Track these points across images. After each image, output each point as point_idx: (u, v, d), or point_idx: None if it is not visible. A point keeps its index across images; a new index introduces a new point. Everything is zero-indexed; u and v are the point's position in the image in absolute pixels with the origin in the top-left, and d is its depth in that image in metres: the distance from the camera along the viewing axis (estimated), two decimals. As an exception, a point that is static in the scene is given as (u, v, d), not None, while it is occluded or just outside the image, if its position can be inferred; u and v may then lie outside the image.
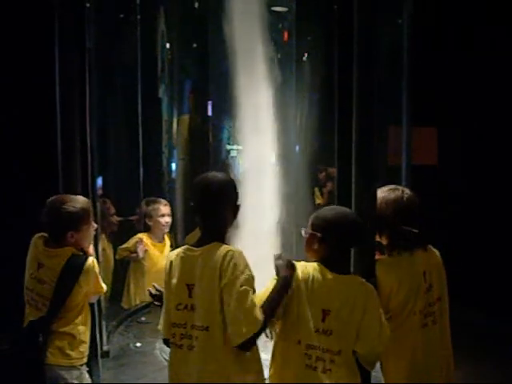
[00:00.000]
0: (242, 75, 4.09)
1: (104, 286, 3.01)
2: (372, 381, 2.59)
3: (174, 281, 2.32)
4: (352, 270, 2.57)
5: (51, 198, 2.92)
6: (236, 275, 2.21)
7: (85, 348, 2.89)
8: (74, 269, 2.81)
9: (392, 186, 2.74)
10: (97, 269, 2.91)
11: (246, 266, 2.25)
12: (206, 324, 2.23)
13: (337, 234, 2.40)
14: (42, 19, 3.38)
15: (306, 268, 2.40)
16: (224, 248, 2.26)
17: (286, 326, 2.38)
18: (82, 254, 2.87)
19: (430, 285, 2.60)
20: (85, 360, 2.90)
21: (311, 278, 2.36)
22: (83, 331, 2.88)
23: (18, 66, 4.44)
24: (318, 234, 2.42)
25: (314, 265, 2.41)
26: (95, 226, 3.05)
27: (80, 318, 2.86)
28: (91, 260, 2.88)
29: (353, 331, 2.32)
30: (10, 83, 4.46)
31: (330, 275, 2.37)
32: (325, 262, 2.41)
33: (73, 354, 2.82)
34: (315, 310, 2.34)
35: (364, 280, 2.44)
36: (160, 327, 2.40)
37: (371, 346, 2.33)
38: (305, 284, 2.36)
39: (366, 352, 2.34)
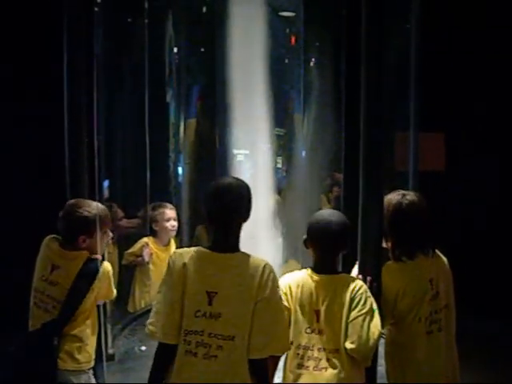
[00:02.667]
0: (249, 80, 4.10)
1: (114, 292, 3.03)
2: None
3: (191, 285, 2.22)
4: (357, 274, 2.58)
5: (69, 201, 2.93)
6: (275, 290, 2.24)
7: (92, 351, 2.89)
8: (90, 273, 2.82)
9: (397, 191, 2.73)
10: (111, 274, 2.94)
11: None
12: (233, 334, 2.17)
13: (313, 237, 2.49)
14: (50, 25, 3.39)
15: (297, 275, 2.50)
16: (259, 260, 2.26)
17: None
18: (95, 258, 2.89)
19: (437, 292, 2.59)
20: (92, 364, 2.90)
21: (301, 282, 2.45)
22: (91, 334, 2.89)
23: (25, 71, 4.46)
24: (304, 237, 2.52)
25: (304, 270, 2.50)
26: (111, 234, 3.06)
27: (88, 321, 2.87)
28: (107, 265, 2.91)
29: (343, 327, 2.36)
30: (18, 87, 4.48)
31: (316, 277, 2.44)
32: (313, 264, 2.50)
33: (81, 358, 2.82)
34: (308, 312, 2.41)
35: (353, 277, 2.52)
36: (153, 330, 2.27)
37: (358, 342, 2.33)
38: (296, 289, 2.44)
39: (353, 347, 2.33)
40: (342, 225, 2.48)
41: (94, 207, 2.90)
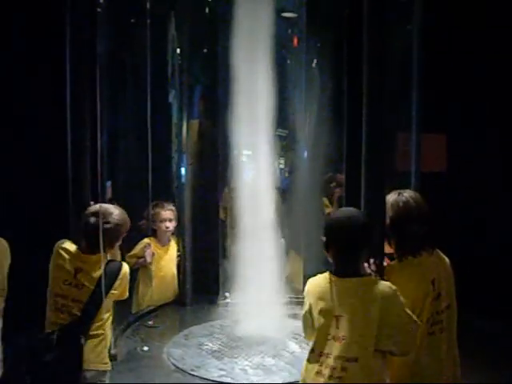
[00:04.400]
0: (252, 81, 4.10)
1: (127, 293, 3.12)
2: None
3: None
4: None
5: (95, 208, 2.97)
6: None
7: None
8: (113, 273, 2.93)
9: (394, 191, 2.73)
10: (128, 275, 3.06)
11: None
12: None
13: (335, 238, 2.43)
14: (53, 25, 3.40)
15: (318, 280, 2.46)
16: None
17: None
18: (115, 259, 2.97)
19: (439, 293, 2.59)
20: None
21: (322, 287, 2.40)
22: (109, 334, 2.95)
23: (28, 71, 4.47)
24: (323, 239, 2.45)
25: (325, 274, 2.44)
26: None
27: (109, 322, 2.93)
28: (126, 266, 3.03)
29: (372, 333, 2.30)
30: (20, 88, 4.49)
31: (338, 281, 2.38)
32: (334, 267, 2.43)
33: (106, 357, 2.93)
34: (328, 318, 2.36)
35: (378, 279, 2.46)
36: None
37: (405, 343, 2.34)
38: (318, 295, 2.41)
39: (401, 349, 2.36)
40: (364, 223, 2.43)
41: (122, 214, 3.01)
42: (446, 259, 2.70)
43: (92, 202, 3.16)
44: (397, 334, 2.33)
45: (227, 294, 4.75)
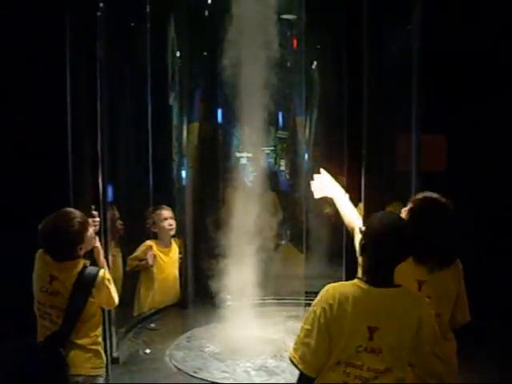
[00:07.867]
0: (252, 82, 4.11)
1: (116, 300, 3.02)
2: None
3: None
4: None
5: (50, 218, 2.91)
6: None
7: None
8: (87, 281, 2.85)
9: (439, 196, 2.69)
10: (109, 281, 2.94)
11: None
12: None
13: (379, 246, 2.26)
14: (53, 29, 3.41)
15: (345, 286, 2.30)
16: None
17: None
18: (93, 265, 2.92)
19: (428, 296, 2.57)
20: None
21: (351, 295, 2.23)
22: (100, 341, 2.96)
23: (29, 75, 4.48)
24: (362, 241, 2.32)
25: (354, 281, 2.30)
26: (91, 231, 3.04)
27: (99, 329, 2.92)
28: (103, 272, 2.93)
29: (409, 345, 2.21)
30: (22, 90, 4.50)
31: (371, 290, 2.24)
32: (367, 274, 2.29)
33: (99, 362, 2.92)
34: (359, 328, 2.21)
35: (414, 292, 2.40)
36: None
37: (428, 356, 2.28)
38: (347, 303, 2.22)
39: (423, 367, 2.32)
40: (409, 233, 2.29)
41: (77, 215, 2.92)
42: (457, 271, 2.68)
43: (93, 206, 3.16)
44: (425, 347, 2.24)
45: (229, 297, 4.76)
